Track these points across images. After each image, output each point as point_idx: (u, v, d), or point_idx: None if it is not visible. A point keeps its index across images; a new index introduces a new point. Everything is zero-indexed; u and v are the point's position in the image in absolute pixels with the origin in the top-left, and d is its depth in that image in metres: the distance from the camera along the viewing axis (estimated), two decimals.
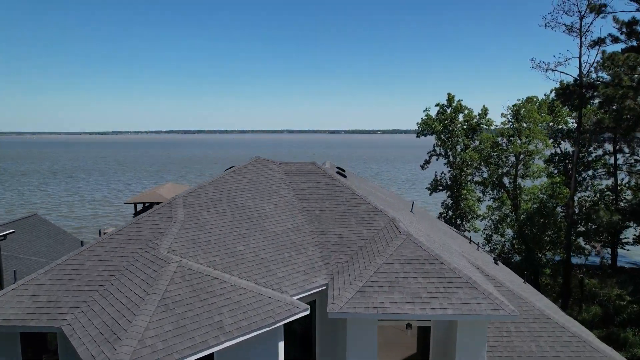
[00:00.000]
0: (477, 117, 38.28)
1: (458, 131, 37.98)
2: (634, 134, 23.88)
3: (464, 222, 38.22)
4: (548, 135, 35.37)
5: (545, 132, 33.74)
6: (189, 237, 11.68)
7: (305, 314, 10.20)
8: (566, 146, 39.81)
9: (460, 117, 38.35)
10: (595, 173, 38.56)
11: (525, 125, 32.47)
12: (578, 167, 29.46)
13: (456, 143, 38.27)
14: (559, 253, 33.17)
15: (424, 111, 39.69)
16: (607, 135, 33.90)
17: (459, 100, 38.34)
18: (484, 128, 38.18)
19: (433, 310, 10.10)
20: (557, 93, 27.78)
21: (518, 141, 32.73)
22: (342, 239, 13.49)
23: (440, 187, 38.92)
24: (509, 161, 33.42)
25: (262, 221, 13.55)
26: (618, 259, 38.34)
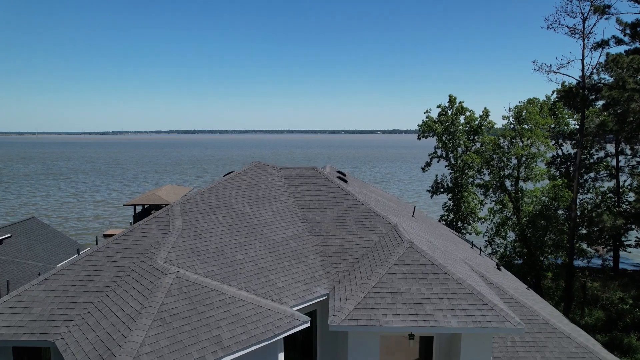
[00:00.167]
0: (479, 119, 37.97)
1: (459, 133, 37.67)
2: (638, 136, 23.61)
3: (465, 225, 37.91)
4: (550, 137, 35.08)
5: (547, 135, 33.45)
6: (187, 246, 11.42)
7: (306, 326, 9.96)
8: (567, 148, 39.51)
9: (461, 119, 38.05)
10: (597, 175, 38.31)
11: (527, 126, 32.17)
12: (580, 170, 29.20)
13: (457, 145, 37.95)
14: (561, 256, 32.89)
15: (425, 113, 39.39)
16: (609, 136, 33.63)
17: (461, 101, 38.04)
18: (485, 130, 37.87)
19: (437, 322, 9.84)
20: (560, 95, 27.49)
21: (520, 143, 32.43)
22: (343, 247, 13.24)
23: (441, 190, 38.61)
24: (511, 164, 33.11)
25: (262, 228, 13.29)
26: (620, 261, 38.12)
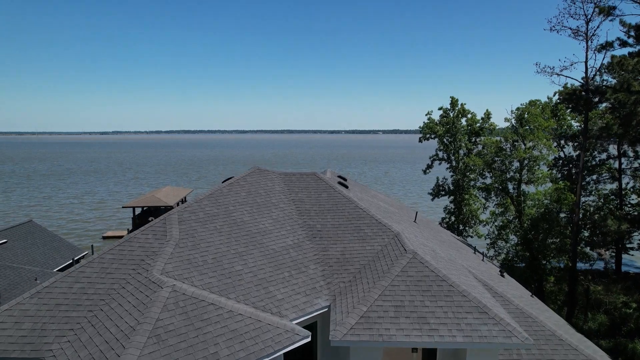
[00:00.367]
0: (480, 121, 37.63)
1: (461, 135, 37.32)
2: None
3: (467, 228, 37.57)
4: (552, 139, 34.75)
5: (549, 137, 33.11)
6: (184, 257, 11.11)
7: (306, 341, 9.66)
8: (569, 150, 39.16)
9: (463, 121, 37.71)
10: (599, 177, 37.97)
11: (529, 128, 31.82)
12: (583, 172, 28.86)
13: (459, 147, 37.60)
14: (564, 260, 32.58)
15: (427, 114, 39.05)
16: (612, 138, 33.30)
17: (462, 103, 37.71)
18: (487, 132, 37.52)
19: (441, 337, 9.53)
20: (563, 98, 27.15)
21: (522, 146, 32.09)
22: (345, 256, 12.93)
23: (442, 192, 38.27)
24: (513, 167, 32.76)
25: (261, 237, 12.98)
26: (622, 264, 37.80)
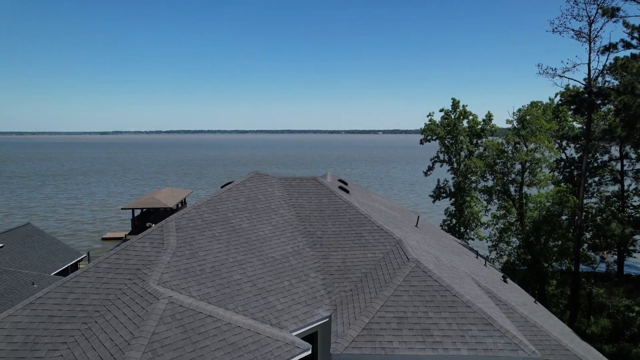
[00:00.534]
0: (482, 123, 37.37)
1: (462, 137, 37.05)
2: None
3: (468, 230, 37.30)
4: (554, 141, 34.49)
5: (552, 139, 32.81)
6: (181, 266, 10.86)
7: (307, 354, 9.40)
8: (571, 151, 38.88)
9: (464, 123, 37.44)
10: (601, 179, 37.68)
11: (530, 130, 31.53)
12: (585, 175, 28.61)
13: (460, 149, 37.33)
14: (566, 263, 32.33)
15: (428, 116, 38.79)
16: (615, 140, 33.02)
17: (464, 105, 37.44)
18: (489, 134, 37.26)
19: (445, 350, 9.26)
20: (566, 100, 26.90)
21: (524, 148, 31.82)
22: (346, 264, 12.67)
23: (443, 195, 38.00)
24: (515, 169, 32.49)
25: (261, 245, 12.72)
26: (624, 266, 37.49)
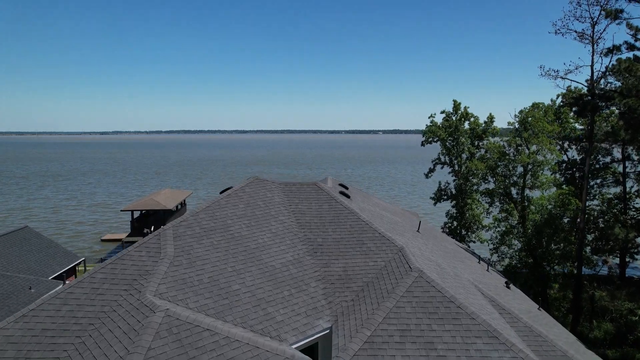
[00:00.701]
0: (483, 125, 37.11)
1: (464, 139, 36.80)
2: None
3: (469, 233, 37.04)
4: (556, 143, 34.23)
5: (553, 141, 32.55)
6: (179, 276, 10.60)
7: None
8: (572, 153, 38.62)
9: (466, 125, 37.19)
10: (603, 181, 37.43)
11: (532, 132, 31.27)
12: (588, 178, 28.35)
13: (461, 151, 37.08)
14: (568, 266, 32.07)
15: (429, 117, 38.58)
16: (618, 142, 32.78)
17: (465, 107, 37.18)
18: (490, 135, 37.03)
19: None
20: (569, 102, 26.65)
21: (526, 151, 31.56)
22: (347, 273, 12.41)
23: (444, 197, 37.76)
24: (517, 172, 32.22)
25: (260, 253, 12.46)
26: (627, 269, 37.22)
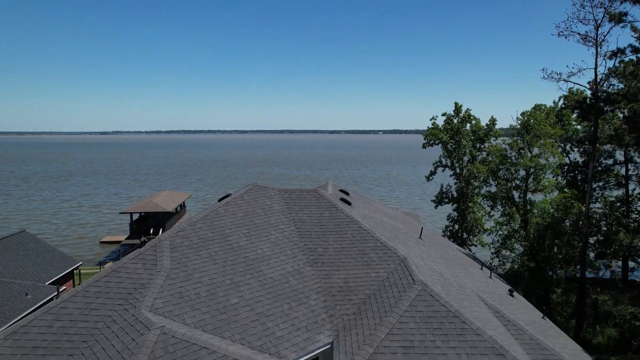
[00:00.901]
0: (485, 127, 36.79)
1: (465, 142, 36.46)
2: None
3: (470, 237, 36.71)
4: (558, 145, 33.92)
5: (555, 144, 32.22)
6: (175, 290, 10.28)
7: None
8: (574, 155, 38.30)
9: (467, 127, 36.86)
10: (605, 184, 37.12)
11: (534, 135, 30.94)
12: (591, 181, 28.04)
13: (463, 154, 36.75)
14: (571, 270, 31.76)
15: (431, 120, 38.25)
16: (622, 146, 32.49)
17: (467, 109, 36.86)
18: (492, 138, 36.70)
19: None
20: (572, 105, 26.34)
21: (528, 154, 31.22)
22: (348, 284, 12.10)
23: (445, 200, 37.45)
24: (519, 175, 31.88)
25: (259, 264, 12.15)
26: (629, 272, 36.89)
